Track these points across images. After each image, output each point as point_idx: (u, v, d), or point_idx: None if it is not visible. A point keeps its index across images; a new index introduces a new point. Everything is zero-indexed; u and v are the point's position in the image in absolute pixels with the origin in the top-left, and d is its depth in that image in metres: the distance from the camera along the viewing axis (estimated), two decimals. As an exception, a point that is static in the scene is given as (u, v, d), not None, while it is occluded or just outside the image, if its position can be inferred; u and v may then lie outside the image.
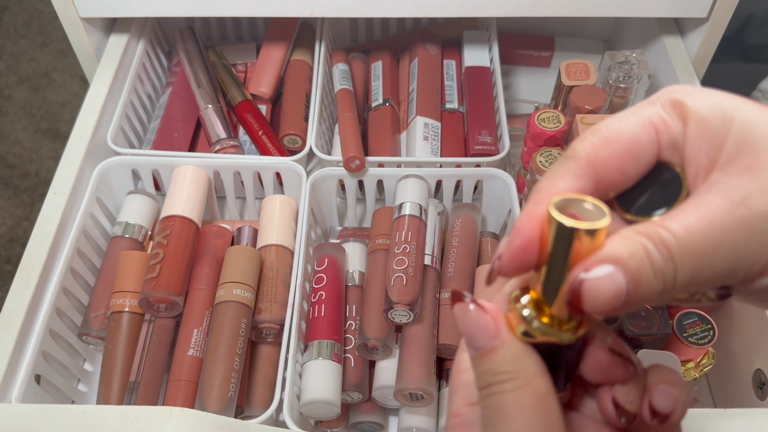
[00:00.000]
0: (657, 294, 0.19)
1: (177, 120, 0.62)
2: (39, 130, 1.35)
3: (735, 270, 0.19)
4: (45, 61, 1.47)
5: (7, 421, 0.38)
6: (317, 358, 0.46)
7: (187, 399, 0.45)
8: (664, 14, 0.58)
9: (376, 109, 0.63)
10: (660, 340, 0.44)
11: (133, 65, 0.63)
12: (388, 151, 0.59)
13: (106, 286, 0.51)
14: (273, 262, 0.51)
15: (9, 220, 1.22)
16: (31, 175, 1.29)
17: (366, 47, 0.71)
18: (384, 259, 0.51)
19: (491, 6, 0.56)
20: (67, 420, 0.38)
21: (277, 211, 0.54)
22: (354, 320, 0.50)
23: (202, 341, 0.47)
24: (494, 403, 0.21)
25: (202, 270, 0.50)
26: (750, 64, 0.87)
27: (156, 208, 0.56)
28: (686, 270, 0.18)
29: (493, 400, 0.21)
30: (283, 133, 0.61)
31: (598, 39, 0.76)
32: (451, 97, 0.63)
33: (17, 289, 0.46)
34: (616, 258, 0.19)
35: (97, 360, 0.53)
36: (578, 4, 0.56)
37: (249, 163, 0.56)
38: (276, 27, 0.67)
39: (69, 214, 0.52)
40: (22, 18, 1.55)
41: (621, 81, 0.56)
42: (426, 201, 0.53)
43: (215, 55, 0.67)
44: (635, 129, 0.22)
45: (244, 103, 0.62)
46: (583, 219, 0.20)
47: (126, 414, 0.38)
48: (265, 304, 0.48)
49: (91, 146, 0.55)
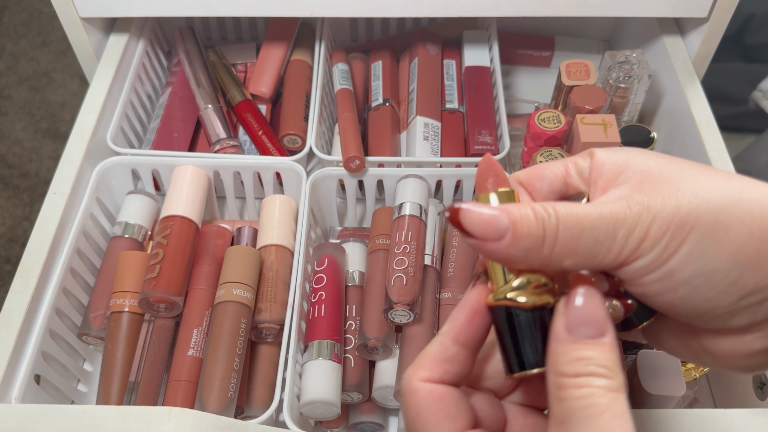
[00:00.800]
0: (538, 239, 0.24)
1: (177, 120, 0.62)
2: (39, 130, 1.35)
3: (599, 249, 0.24)
4: (45, 60, 1.47)
5: (7, 422, 0.38)
6: (317, 358, 0.46)
7: (187, 399, 0.45)
8: (665, 14, 0.58)
9: (376, 109, 0.63)
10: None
11: (133, 65, 0.63)
12: (388, 151, 0.59)
13: (105, 286, 0.51)
14: (273, 262, 0.51)
15: (9, 220, 1.22)
16: (30, 175, 1.29)
17: (366, 47, 0.71)
18: (384, 259, 0.50)
19: (491, 6, 0.56)
20: (66, 420, 0.38)
21: (276, 211, 0.54)
22: (354, 320, 0.50)
23: (201, 341, 0.47)
24: (585, 397, 0.22)
25: (201, 270, 0.50)
26: (750, 63, 0.87)
27: (156, 208, 0.56)
28: (564, 231, 0.24)
29: (583, 393, 0.22)
30: (283, 133, 0.61)
31: (599, 39, 0.76)
32: (451, 96, 0.63)
33: (17, 289, 0.46)
34: (506, 208, 0.24)
35: (96, 360, 0.53)
36: (578, 4, 0.56)
37: (249, 163, 0.56)
38: (276, 27, 0.67)
39: (69, 214, 0.52)
40: (22, 18, 1.55)
41: (621, 81, 0.56)
42: (426, 201, 0.53)
43: (215, 54, 0.67)
44: (555, 168, 0.29)
45: (244, 103, 0.62)
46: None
47: (126, 414, 0.38)
48: (265, 304, 0.48)
49: (90, 146, 0.55)
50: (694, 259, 0.24)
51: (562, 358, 0.23)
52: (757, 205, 0.24)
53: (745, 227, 0.23)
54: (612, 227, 0.24)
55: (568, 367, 0.23)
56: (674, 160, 0.26)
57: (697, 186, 0.24)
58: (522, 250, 0.24)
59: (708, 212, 0.23)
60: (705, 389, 0.52)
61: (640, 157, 0.26)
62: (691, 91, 0.57)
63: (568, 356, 0.23)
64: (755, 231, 0.23)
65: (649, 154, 0.26)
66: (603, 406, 0.22)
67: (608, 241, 0.24)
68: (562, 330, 0.23)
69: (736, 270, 0.23)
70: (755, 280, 0.23)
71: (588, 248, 0.24)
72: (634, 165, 0.26)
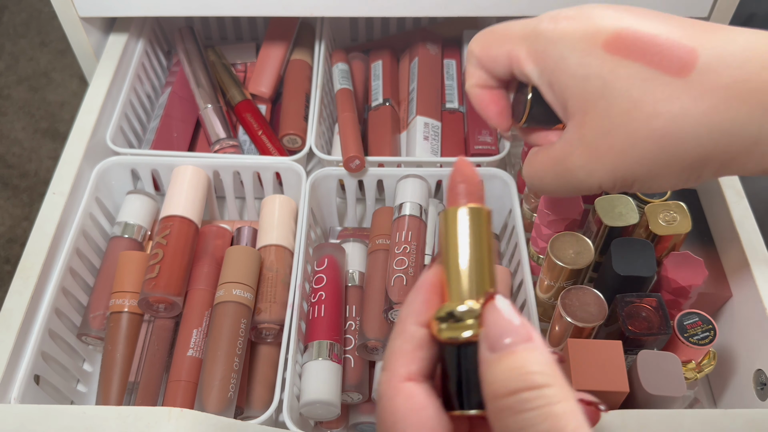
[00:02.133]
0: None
1: (176, 120, 0.62)
2: (38, 129, 1.35)
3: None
4: (44, 60, 1.47)
5: (7, 422, 0.38)
6: (317, 358, 0.46)
7: (187, 399, 0.45)
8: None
9: (376, 108, 0.63)
10: (661, 340, 0.44)
11: (133, 65, 0.63)
12: (388, 150, 0.59)
13: (105, 287, 0.51)
14: (273, 262, 0.50)
15: (8, 220, 1.22)
16: (30, 175, 1.29)
17: (366, 47, 0.71)
18: (384, 259, 0.50)
19: (491, 5, 0.56)
20: (66, 420, 0.38)
21: (276, 211, 0.53)
22: (354, 320, 0.50)
23: (201, 341, 0.47)
24: (539, 415, 0.20)
25: (201, 270, 0.50)
26: (750, 63, 0.87)
27: (155, 208, 0.56)
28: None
29: (535, 412, 0.20)
30: (282, 132, 0.61)
31: (598, 39, 0.76)
32: (451, 96, 0.63)
33: (16, 289, 0.46)
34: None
35: (96, 360, 0.53)
36: (578, 3, 0.56)
37: (248, 163, 0.56)
38: (276, 26, 0.67)
39: (68, 214, 0.51)
40: (22, 18, 1.55)
41: (621, 81, 0.56)
42: (426, 201, 0.53)
43: (215, 54, 0.67)
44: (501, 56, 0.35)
45: (244, 102, 0.62)
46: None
47: (125, 414, 0.38)
48: (264, 304, 0.48)
49: (90, 146, 0.55)
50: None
51: (497, 382, 0.21)
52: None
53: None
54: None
55: (498, 388, 0.21)
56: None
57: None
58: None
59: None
60: (706, 389, 0.52)
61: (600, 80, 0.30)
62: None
63: (500, 376, 0.21)
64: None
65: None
66: (561, 420, 0.20)
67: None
68: (487, 352, 0.22)
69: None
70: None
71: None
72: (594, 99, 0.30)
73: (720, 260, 0.51)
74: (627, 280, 0.44)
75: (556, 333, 0.45)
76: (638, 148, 0.29)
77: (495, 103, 0.37)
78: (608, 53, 0.29)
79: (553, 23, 0.31)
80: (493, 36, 0.35)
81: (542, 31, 0.32)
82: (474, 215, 0.24)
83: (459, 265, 0.24)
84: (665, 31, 0.29)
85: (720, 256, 0.51)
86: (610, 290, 0.44)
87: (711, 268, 0.50)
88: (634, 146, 0.29)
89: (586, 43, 0.30)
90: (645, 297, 0.44)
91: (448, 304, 0.24)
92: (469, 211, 0.25)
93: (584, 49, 0.30)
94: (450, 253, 0.24)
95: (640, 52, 0.29)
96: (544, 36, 0.31)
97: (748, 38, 0.28)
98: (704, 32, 0.29)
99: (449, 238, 0.25)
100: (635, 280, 0.44)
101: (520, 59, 0.33)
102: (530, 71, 0.33)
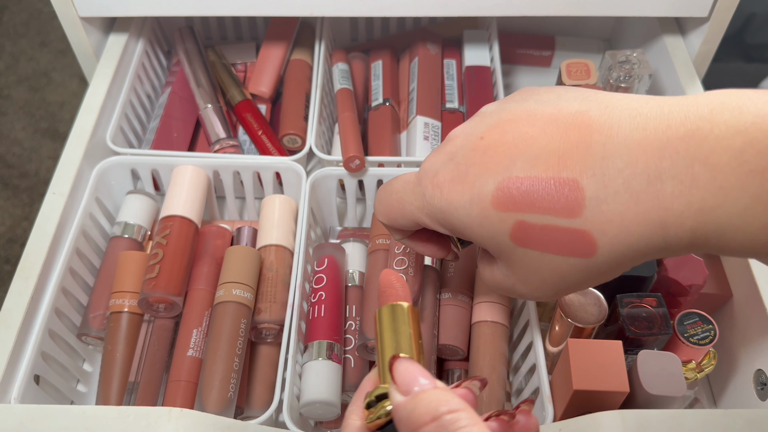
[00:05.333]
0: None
1: (176, 120, 0.62)
2: (38, 129, 1.35)
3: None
4: (44, 60, 1.47)
5: (7, 422, 0.38)
6: (317, 358, 0.46)
7: (187, 399, 0.45)
8: (665, 14, 0.58)
9: (376, 108, 0.63)
10: (661, 340, 0.44)
11: (133, 65, 0.63)
12: (388, 150, 0.59)
13: (105, 287, 0.51)
14: (273, 262, 0.50)
15: (8, 220, 1.22)
16: (30, 175, 1.29)
17: (366, 47, 0.71)
18: (384, 259, 0.50)
19: (491, 5, 0.56)
20: (66, 420, 0.38)
21: (276, 211, 0.53)
22: (354, 320, 0.50)
23: (201, 341, 0.47)
24: None
25: (201, 270, 0.50)
26: (751, 63, 0.87)
27: (155, 208, 0.56)
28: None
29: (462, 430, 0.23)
30: (282, 132, 0.61)
31: (599, 38, 0.76)
32: (451, 96, 0.63)
33: (16, 289, 0.46)
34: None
35: (96, 360, 0.53)
36: (579, 3, 0.56)
37: (248, 163, 0.56)
38: (276, 26, 0.67)
39: (68, 214, 0.51)
40: (22, 18, 1.55)
41: (622, 80, 0.56)
42: (426, 201, 0.53)
43: (215, 54, 0.67)
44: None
45: (244, 102, 0.62)
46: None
47: (125, 414, 0.38)
48: (264, 304, 0.48)
49: (90, 146, 0.55)
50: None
51: (416, 412, 0.24)
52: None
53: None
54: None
55: (426, 414, 0.24)
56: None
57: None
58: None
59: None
60: (705, 389, 0.52)
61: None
62: (691, 90, 0.57)
63: (420, 408, 0.24)
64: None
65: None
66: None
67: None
68: (399, 396, 0.25)
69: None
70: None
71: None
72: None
73: (720, 260, 0.51)
74: (627, 280, 0.44)
75: (557, 333, 0.45)
76: (567, 280, 0.30)
77: (429, 241, 0.38)
78: (501, 212, 0.30)
79: (438, 191, 0.32)
80: (392, 209, 0.35)
81: (435, 203, 0.32)
82: (396, 311, 0.29)
83: (384, 354, 0.28)
84: (543, 169, 0.28)
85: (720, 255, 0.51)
86: (610, 290, 0.44)
87: (711, 268, 0.50)
88: (564, 279, 0.30)
89: (478, 208, 0.30)
90: (645, 297, 0.44)
91: (369, 393, 0.27)
92: (391, 308, 0.29)
93: (479, 213, 0.30)
94: (377, 345, 0.28)
95: (528, 204, 0.29)
96: (439, 208, 0.32)
97: (624, 157, 0.27)
98: (585, 153, 0.28)
99: (377, 333, 0.29)
100: (635, 280, 0.44)
101: (428, 224, 0.34)
102: (442, 231, 0.34)
